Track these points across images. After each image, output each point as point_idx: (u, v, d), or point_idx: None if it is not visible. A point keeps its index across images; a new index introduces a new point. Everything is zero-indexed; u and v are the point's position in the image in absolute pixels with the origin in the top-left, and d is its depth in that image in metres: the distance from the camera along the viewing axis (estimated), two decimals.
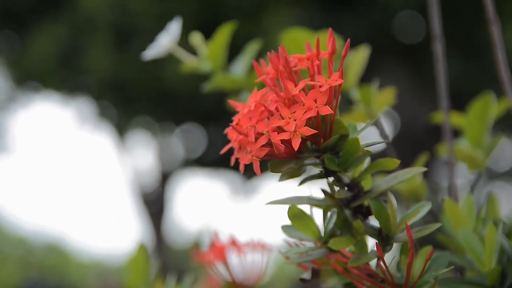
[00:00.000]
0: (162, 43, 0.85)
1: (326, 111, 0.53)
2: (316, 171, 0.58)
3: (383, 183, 0.58)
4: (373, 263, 0.59)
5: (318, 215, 0.60)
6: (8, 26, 4.52)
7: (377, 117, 0.83)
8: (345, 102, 0.82)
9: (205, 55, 0.87)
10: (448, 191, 0.83)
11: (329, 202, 0.59)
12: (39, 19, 4.20)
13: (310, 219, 0.59)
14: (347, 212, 0.59)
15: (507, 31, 3.01)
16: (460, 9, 3.40)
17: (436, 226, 0.57)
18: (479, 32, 3.43)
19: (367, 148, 0.56)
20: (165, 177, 5.92)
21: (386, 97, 0.86)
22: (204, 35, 0.89)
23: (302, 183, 0.58)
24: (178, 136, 5.51)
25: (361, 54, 0.84)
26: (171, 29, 0.85)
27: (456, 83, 2.89)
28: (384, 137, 0.81)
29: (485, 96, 0.84)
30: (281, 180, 0.57)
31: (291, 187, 0.66)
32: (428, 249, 0.57)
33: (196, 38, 0.88)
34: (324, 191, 0.59)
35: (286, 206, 0.59)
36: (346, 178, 0.58)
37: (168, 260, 5.54)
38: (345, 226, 0.59)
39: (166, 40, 0.85)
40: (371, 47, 0.84)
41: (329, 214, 0.59)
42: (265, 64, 0.58)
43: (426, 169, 0.60)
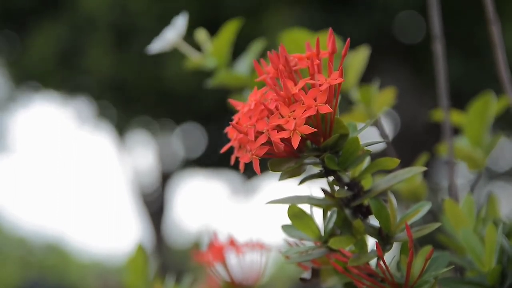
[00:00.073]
0: (168, 37, 0.85)
1: (326, 109, 0.53)
2: (316, 170, 0.58)
3: (383, 182, 0.58)
4: (373, 262, 0.59)
5: (318, 214, 0.60)
6: (8, 26, 4.52)
7: (377, 117, 0.83)
8: (345, 102, 0.82)
9: (209, 51, 0.87)
10: (448, 191, 0.82)
11: (329, 201, 0.59)
12: (39, 19, 4.20)
13: (310, 218, 0.59)
14: (347, 212, 0.58)
15: (507, 31, 3.01)
16: (460, 9, 3.40)
17: (436, 225, 0.57)
18: (479, 32, 3.42)
19: (367, 148, 0.56)
20: (165, 177, 5.91)
21: (386, 97, 0.86)
22: None
23: (302, 182, 0.58)
24: (178, 136, 5.51)
25: (361, 54, 0.84)
26: (177, 23, 0.85)
27: (456, 83, 2.88)
28: (384, 136, 0.81)
29: (485, 96, 0.84)
30: (281, 179, 0.57)
31: (291, 186, 0.66)
32: (428, 248, 0.57)
33: (201, 34, 0.88)
34: (324, 190, 0.59)
35: (286, 206, 0.59)
36: (346, 177, 0.58)
37: (168, 260, 5.54)
38: (345, 226, 0.59)
39: (172, 34, 0.85)
40: (371, 47, 0.84)
41: (329, 213, 0.59)
42: (265, 63, 0.58)
43: (426, 168, 0.59)
